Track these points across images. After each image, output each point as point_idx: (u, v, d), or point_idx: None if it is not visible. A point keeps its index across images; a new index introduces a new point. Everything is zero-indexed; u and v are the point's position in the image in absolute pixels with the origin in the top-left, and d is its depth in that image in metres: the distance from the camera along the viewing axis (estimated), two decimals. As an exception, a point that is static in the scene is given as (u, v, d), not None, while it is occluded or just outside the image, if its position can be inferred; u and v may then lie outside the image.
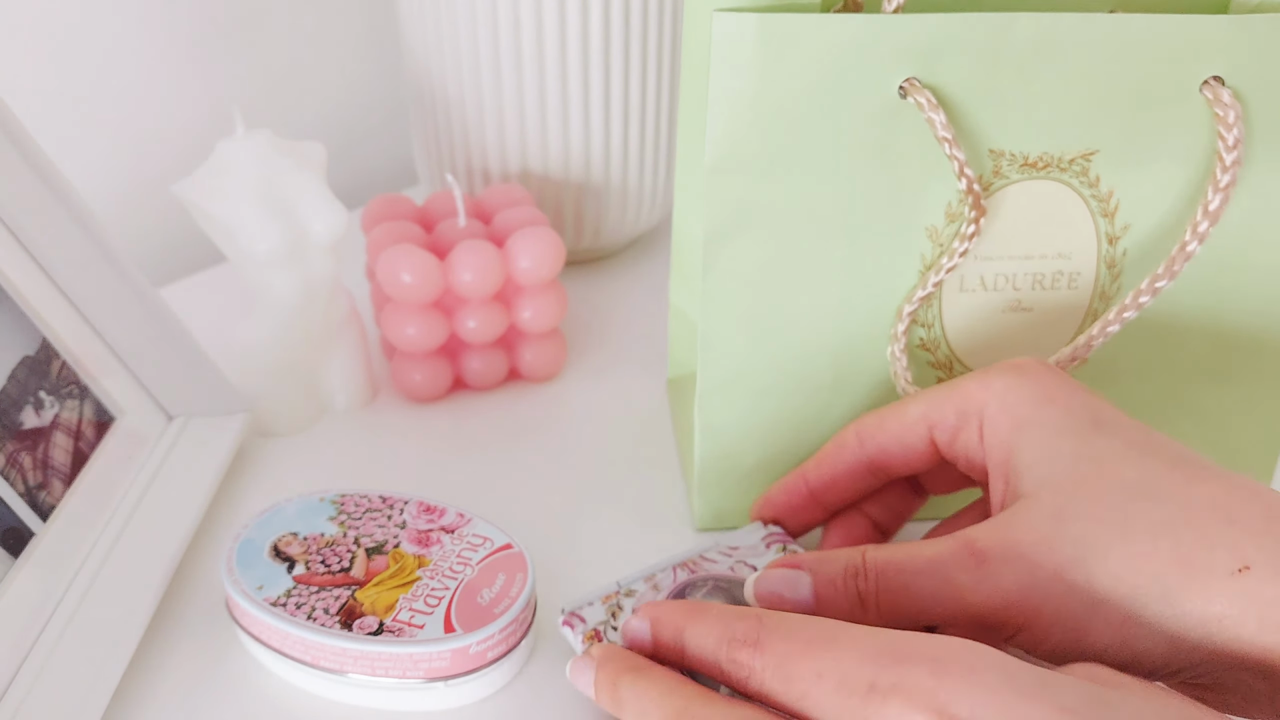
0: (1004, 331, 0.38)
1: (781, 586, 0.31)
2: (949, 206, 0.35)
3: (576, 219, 0.59)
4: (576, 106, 0.55)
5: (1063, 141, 0.34)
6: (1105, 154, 0.35)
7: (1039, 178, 0.35)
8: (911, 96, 0.32)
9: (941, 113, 0.32)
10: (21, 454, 0.37)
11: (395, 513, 0.38)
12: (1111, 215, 0.36)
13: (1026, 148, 0.34)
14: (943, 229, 0.36)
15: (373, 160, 0.77)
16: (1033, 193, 0.35)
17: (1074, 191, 0.35)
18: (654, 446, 0.48)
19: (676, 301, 0.45)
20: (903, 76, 0.33)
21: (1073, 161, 0.35)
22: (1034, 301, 0.38)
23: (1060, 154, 0.35)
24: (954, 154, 0.33)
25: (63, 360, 0.41)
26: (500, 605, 0.34)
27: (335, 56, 0.72)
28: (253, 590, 0.35)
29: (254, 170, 0.43)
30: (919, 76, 0.33)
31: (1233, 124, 0.33)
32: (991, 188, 0.35)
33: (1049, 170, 0.35)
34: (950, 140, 0.33)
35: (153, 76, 0.62)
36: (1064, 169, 0.35)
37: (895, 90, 0.33)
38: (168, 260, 0.67)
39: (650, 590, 0.37)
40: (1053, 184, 0.35)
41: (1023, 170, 0.35)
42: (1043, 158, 0.35)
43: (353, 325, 0.49)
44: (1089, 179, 0.35)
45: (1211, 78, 0.33)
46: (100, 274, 0.41)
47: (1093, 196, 0.36)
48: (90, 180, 0.62)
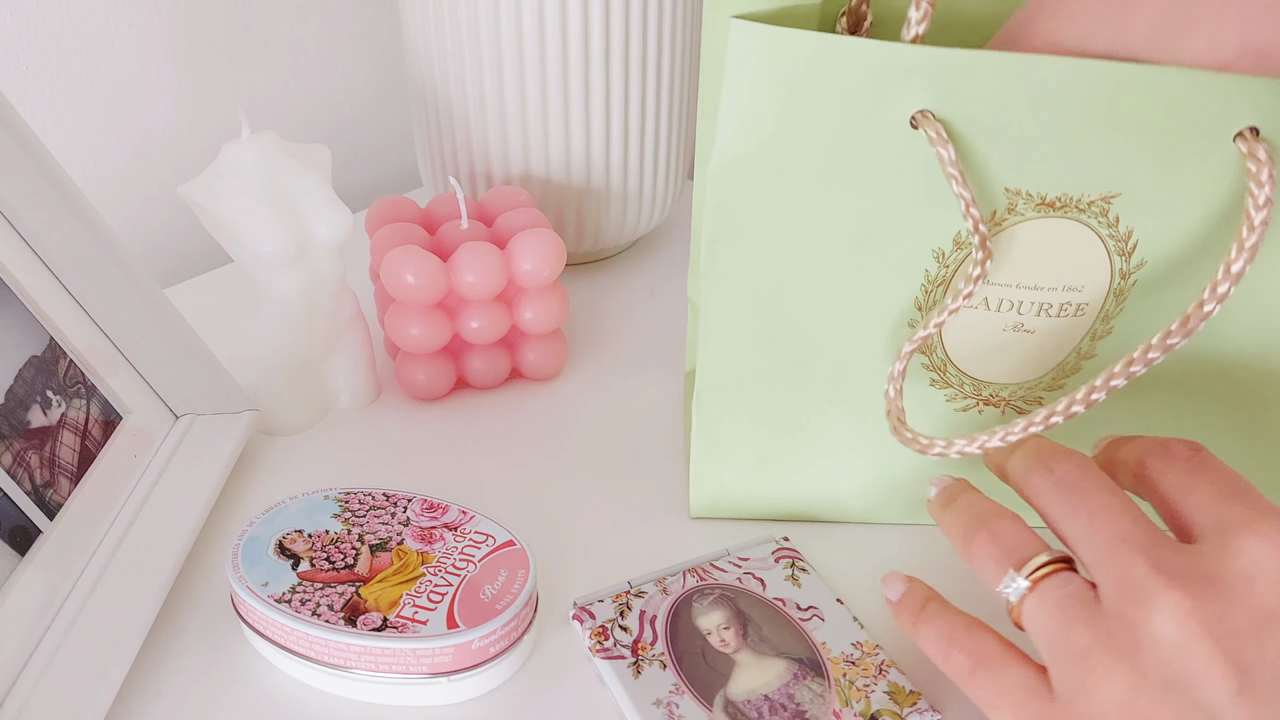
0: (1003, 347, 0.38)
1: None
2: (959, 235, 0.34)
3: (577, 221, 0.60)
4: (578, 110, 0.55)
5: (1083, 184, 0.33)
6: (1127, 197, 0.33)
7: (1056, 216, 0.34)
8: (923, 128, 0.31)
9: (951, 148, 0.31)
10: (29, 452, 0.37)
11: (399, 510, 0.39)
12: (1129, 254, 0.35)
13: (1044, 188, 0.33)
14: (950, 253, 0.35)
15: (377, 163, 0.78)
16: (1048, 230, 0.34)
17: (1092, 231, 0.34)
18: (654, 445, 0.48)
19: (693, 297, 0.46)
20: (917, 106, 0.31)
21: (1092, 203, 0.33)
22: (1037, 325, 0.37)
23: (1080, 195, 0.33)
24: (960, 192, 0.32)
25: (70, 360, 0.41)
26: (502, 601, 0.35)
27: (340, 60, 0.72)
28: (258, 587, 0.35)
29: (260, 172, 0.43)
30: (934, 109, 0.31)
31: (1265, 181, 0.30)
32: (1005, 224, 0.34)
33: (1066, 210, 0.34)
34: (958, 177, 0.31)
35: (159, 80, 0.63)
36: (1083, 209, 0.33)
37: (907, 120, 0.32)
38: (174, 261, 0.67)
39: (659, 593, 0.38)
40: (1070, 223, 0.34)
41: (1039, 209, 0.33)
42: (1061, 198, 0.33)
43: (357, 326, 0.49)
44: (1108, 219, 0.34)
45: (1247, 129, 0.31)
46: (107, 274, 0.41)
47: (1110, 235, 0.34)
48: (97, 182, 0.62)
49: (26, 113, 0.57)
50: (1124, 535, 0.28)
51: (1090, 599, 0.28)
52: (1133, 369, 0.32)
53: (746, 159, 0.34)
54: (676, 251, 0.66)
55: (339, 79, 0.73)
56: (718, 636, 0.36)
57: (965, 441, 0.34)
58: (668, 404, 0.51)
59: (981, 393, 0.39)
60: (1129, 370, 0.32)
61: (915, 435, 0.35)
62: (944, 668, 0.32)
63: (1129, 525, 0.29)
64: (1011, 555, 0.30)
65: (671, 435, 0.49)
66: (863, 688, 0.34)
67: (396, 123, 0.77)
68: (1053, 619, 0.28)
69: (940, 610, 0.33)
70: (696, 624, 0.37)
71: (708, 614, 0.37)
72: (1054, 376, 0.39)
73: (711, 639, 0.36)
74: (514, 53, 0.53)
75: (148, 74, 0.62)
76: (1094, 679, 0.27)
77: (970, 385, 0.39)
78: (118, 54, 0.60)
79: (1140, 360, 0.32)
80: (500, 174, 0.58)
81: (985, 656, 0.30)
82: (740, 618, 0.37)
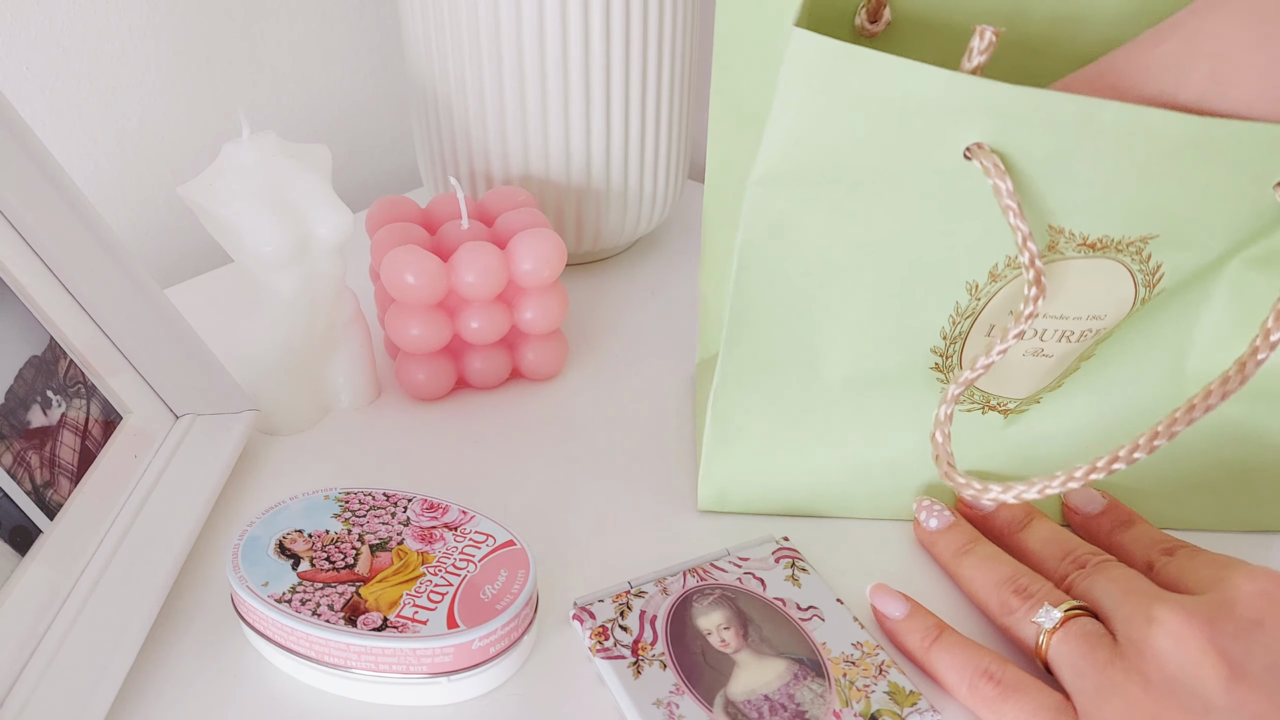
0: (1020, 367, 0.38)
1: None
2: (995, 268, 0.34)
3: (577, 221, 0.60)
4: (578, 111, 0.55)
5: (1125, 226, 0.33)
6: (1164, 238, 0.33)
7: (1096, 257, 0.34)
8: (978, 160, 0.31)
9: (1009, 180, 0.31)
10: (29, 452, 0.37)
11: (399, 510, 0.39)
12: (1153, 285, 0.35)
13: (1088, 229, 0.33)
14: (984, 285, 0.35)
15: (377, 163, 0.78)
16: (1086, 269, 0.34)
17: (1125, 269, 0.34)
18: (654, 445, 0.48)
19: (704, 290, 0.46)
20: (971, 138, 0.31)
21: (1131, 244, 0.34)
22: (1056, 350, 0.37)
23: (1121, 237, 0.33)
24: (1017, 224, 0.31)
25: (70, 360, 0.41)
26: (502, 601, 0.35)
27: (340, 60, 0.72)
28: (258, 586, 0.35)
29: (260, 173, 0.43)
30: (990, 142, 0.31)
31: None
32: (1044, 259, 0.34)
33: (1106, 251, 0.34)
34: (1015, 209, 0.31)
35: (159, 80, 0.63)
36: (1121, 250, 0.34)
37: (960, 149, 0.31)
38: (174, 261, 0.67)
39: (659, 593, 0.38)
40: (1107, 262, 0.34)
41: (1080, 250, 0.34)
42: (1103, 239, 0.33)
43: (357, 325, 0.49)
44: (1141, 258, 0.34)
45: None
46: (107, 274, 0.41)
47: (1140, 270, 0.35)
48: (97, 182, 0.62)
49: (26, 113, 0.57)
50: (1133, 588, 0.34)
51: (1106, 634, 0.34)
52: (1175, 428, 0.32)
53: (791, 168, 0.33)
54: (676, 251, 0.66)
55: (339, 79, 0.73)
56: (718, 636, 0.36)
57: (1024, 486, 0.34)
58: (668, 404, 0.51)
59: (990, 401, 0.40)
60: (1171, 430, 0.32)
61: (969, 481, 0.35)
62: (965, 694, 0.35)
63: (1137, 580, 0.35)
64: (1041, 597, 0.36)
65: (672, 435, 0.49)
66: (863, 688, 0.34)
67: (396, 123, 0.77)
68: (1078, 648, 0.33)
69: (960, 641, 0.36)
70: (697, 624, 0.37)
71: (708, 614, 0.37)
72: (1056, 379, 0.39)
73: (712, 639, 0.36)
74: (514, 53, 0.53)
75: (148, 74, 0.62)
76: (1110, 690, 0.32)
77: (980, 396, 0.40)
78: (118, 54, 0.60)
79: (1201, 407, 0.31)
80: (500, 174, 0.58)
81: (1016, 685, 0.34)
82: (740, 618, 0.37)
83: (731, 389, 0.40)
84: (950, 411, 0.36)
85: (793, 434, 0.41)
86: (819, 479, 0.42)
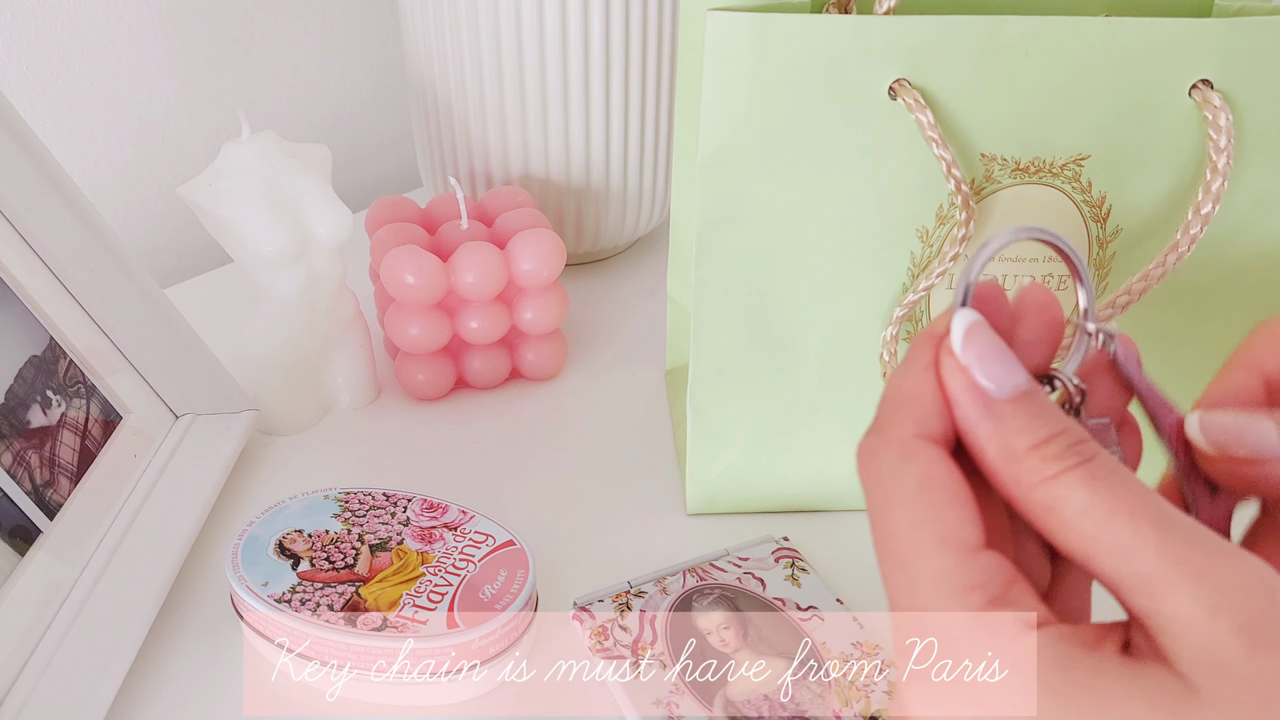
0: None
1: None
2: (940, 209, 0.36)
3: (577, 222, 0.60)
4: (577, 111, 0.55)
5: (1053, 146, 0.34)
6: (1096, 159, 0.35)
7: (1031, 183, 0.35)
8: (900, 96, 0.33)
9: (929, 112, 0.33)
10: (29, 452, 0.37)
11: (398, 510, 0.39)
12: (1103, 220, 0.36)
13: (1017, 152, 0.35)
14: (934, 230, 0.36)
15: (377, 163, 0.78)
16: (1025, 198, 0.36)
17: (1066, 197, 0.36)
18: (653, 444, 0.48)
19: (674, 294, 0.46)
20: (893, 77, 0.33)
21: (1064, 167, 0.35)
22: None
23: (1051, 159, 0.35)
24: (941, 154, 0.33)
25: (70, 360, 0.41)
26: (502, 601, 0.35)
27: (339, 61, 0.72)
28: (258, 586, 0.35)
29: (260, 172, 0.43)
30: (909, 78, 0.33)
31: (1223, 126, 0.33)
32: (984, 192, 0.35)
33: (1041, 175, 0.35)
34: (937, 140, 0.33)
35: (159, 80, 0.63)
36: (1055, 174, 0.35)
37: (885, 91, 0.33)
38: (174, 261, 0.67)
39: (659, 592, 0.38)
40: (1045, 189, 0.35)
41: (1015, 175, 0.35)
42: (1034, 163, 0.35)
43: (357, 325, 0.49)
44: (1081, 184, 0.35)
45: (1200, 81, 0.33)
46: (107, 274, 0.41)
47: (1085, 202, 0.36)
48: (97, 182, 0.62)
49: (26, 113, 0.57)
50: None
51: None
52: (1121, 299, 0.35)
53: (731, 148, 0.34)
54: (676, 251, 0.67)
55: (339, 79, 0.73)
56: (717, 636, 0.36)
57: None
58: (668, 404, 0.51)
59: None
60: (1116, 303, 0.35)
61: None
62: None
63: None
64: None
65: (672, 434, 0.49)
66: (863, 688, 0.34)
67: (396, 123, 0.77)
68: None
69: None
70: (696, 624, 0.37)
71: (707, 614, 0.37)
72: None
73: (711, 639, 0.36)
74: (514, 53, 0.53)
75: (148, 74, 0.62)
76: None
77: None
78: (118, 54, 0.60)
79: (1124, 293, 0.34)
80: (500, 174, 0.58)
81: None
82: (740, 618, 0.37)
83: (707, 387, 0.40)
84: (896, 333, 0.37)
85: (774, 427, 0.41)
86: (807, 471, 0.42)
